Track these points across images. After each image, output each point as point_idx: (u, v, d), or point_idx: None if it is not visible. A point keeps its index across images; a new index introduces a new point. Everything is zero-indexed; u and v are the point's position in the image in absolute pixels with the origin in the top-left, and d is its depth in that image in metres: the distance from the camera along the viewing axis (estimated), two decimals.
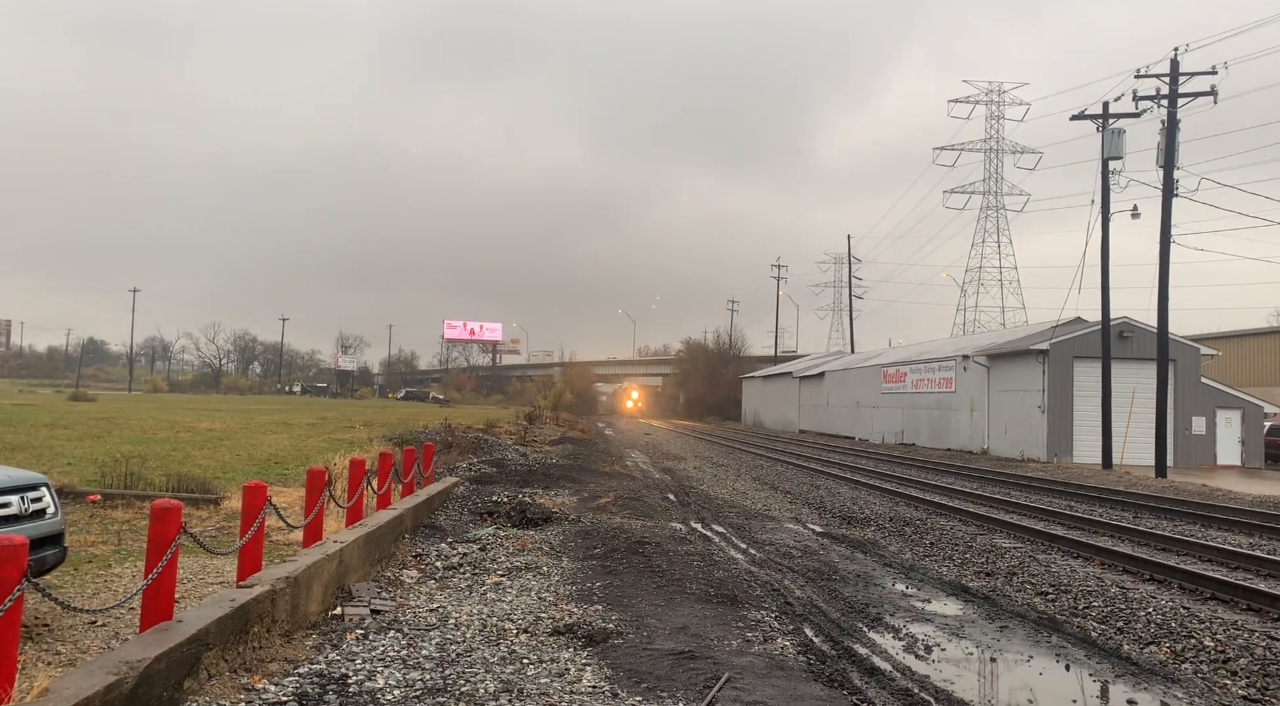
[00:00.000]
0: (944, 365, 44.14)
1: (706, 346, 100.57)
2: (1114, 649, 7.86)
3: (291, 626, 6.55)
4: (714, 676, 6.09)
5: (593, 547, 11.04)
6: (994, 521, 15.89)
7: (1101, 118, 31.02)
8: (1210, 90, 28.80)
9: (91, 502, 11.79)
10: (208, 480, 13.67)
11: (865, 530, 15.01)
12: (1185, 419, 34.79)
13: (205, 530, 10.34)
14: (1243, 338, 47.94)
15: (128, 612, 6.62)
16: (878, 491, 21.39)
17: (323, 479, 8.41)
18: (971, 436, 40.74)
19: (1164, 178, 29.12)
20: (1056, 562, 12.04)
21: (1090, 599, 9.77)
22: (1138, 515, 18.11)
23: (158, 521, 5.36)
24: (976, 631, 8.38)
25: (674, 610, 8.09)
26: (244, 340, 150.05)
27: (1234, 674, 7.22)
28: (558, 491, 17.21)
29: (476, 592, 8.49)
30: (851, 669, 6.78)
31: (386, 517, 10.05)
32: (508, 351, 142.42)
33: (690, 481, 22.75)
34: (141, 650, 4.71)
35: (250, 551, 6.67)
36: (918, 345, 58.91)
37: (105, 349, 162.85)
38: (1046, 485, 23.78)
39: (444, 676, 5.77)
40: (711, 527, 14.39)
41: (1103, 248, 31.23)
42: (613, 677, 6.01)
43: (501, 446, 27.17)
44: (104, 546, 9.37)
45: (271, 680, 5.46)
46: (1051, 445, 34.71)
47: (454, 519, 13.14)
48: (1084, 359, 34.50)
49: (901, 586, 10.40)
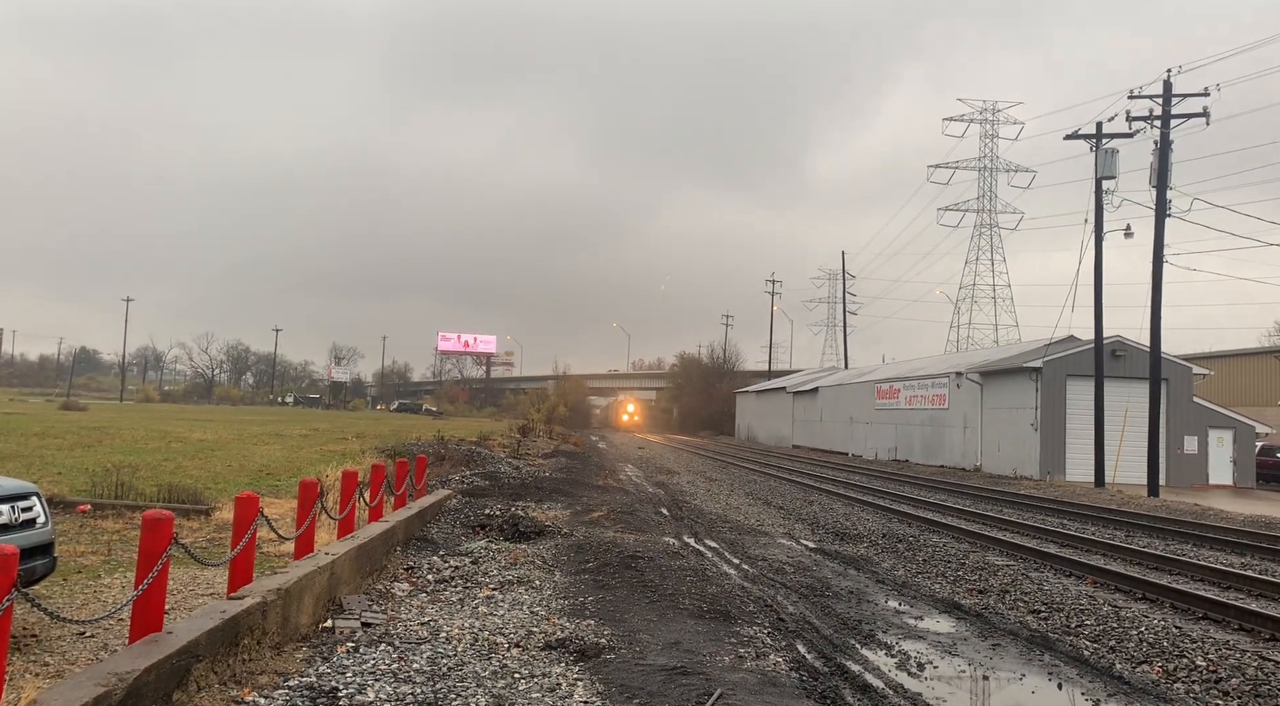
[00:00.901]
0: (937, 382, 44.22)
1: (700, 360, 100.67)
2: (1106, 668, 7.85)
3: (282, 638, 6.51)
4: (706, 692, 6.06)
5: (585, 562, 11.01)
6: (987, 539, 15.89)
7: (1095, 137, 31.20)
8: (1203, 111, 28.99)
9: (82, 512, 11.73)
10: (199, 491, 13.62)
11: (858, 546, 14.99)
12: (1177, 438, 34.87)
13: (196, 541, 10.29)
14: (1234, 357, 48.14)
15: (117, 624, 6.57)
16: (871, 507, 21.37)
17: (314, 490, 8.38)
18: (964, 453, 40.77)
19: (1157, 198, 29.29)
20: (1049, 581, 12.04)
21: (1083, 617, 9.77)
22: (1130, 534, 18.12)
23: (149, 532, 5.34)
24: (969, 649, 8.37)
25: (666, 625, 8.06)
26: (237, 350, 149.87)
27: (1226, 694, 7.22)
28: (550, 505, 17.17)
29: (468, 606, 8.45)
30: (844, 686, 6.76)
31: (378, 530, 10.01)
32: (501, 363, 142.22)
33: (683, 496, 22.71)
34: (130, 661, 4.67)
35: (241, 563, 6.64)
36: (911, 362, 59.01)
37: (97, 358, 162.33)
38: (1039, 503, 23.79)
39: (435, 690, 5.74)
40: (704, 542, 14.36)
41: (1096, 266, 31.36)
42: (604, 693, 5.98)
43: (494, 459, 27.11)
44: (94, 557, 9.32)
45: (261, 693, 5.42)
46: (1044, 463, 34.75)
47: (446, 531, 13.09)
48: (1077, 377, 34.59)
49: (894, 603, 10.38)
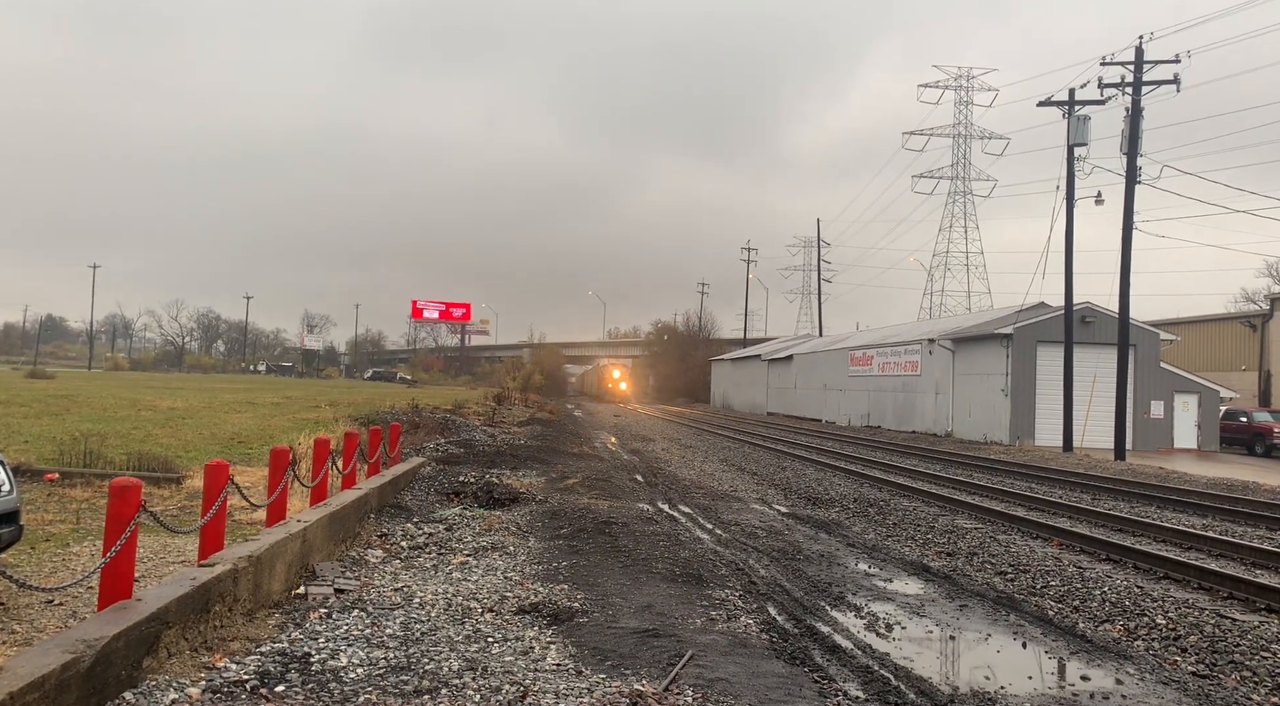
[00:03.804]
0: (910, 349, 44.57)
1: (676, 328, 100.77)
2: (1070, 627, 8.03)
3: (254, 605, 6.51)
4: (677, 654, 6.14)
5: (559, 528, 11.06)
6: (956, 503, 16.12)
7: (1068, 104, 31.32)
8: (1173, 78, 29.16)
9: (49, 481, 11.60)
10: (170, 459, 13.50)
11: (830, 511, 15.16)
12: (1144, 403, 35.46)
13: (167, 509, 10.23)
14: (1201, 323, 48.84)
15: (86, 592, 6.54)
16: (843, 473, 21.60)
17: (286, 458, 8.34)
18: (936, 419, 41.22)
19: (1128, 164, 29.51)
20: (1016, 543, 12.25)
21: (1048, 578, 9.96)
22: (1096, 497, 18.45)
23: (116, 499, 5.29)
24: (937, 610, 8.52)
25: (639, 589, 8.14)
26: (208, 318, 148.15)
27: (1184, 651, 7.40)
28: (525, 472, 17.20)
29: (442, 572, 8.48)
30: (813, 646, 6.87)
31: (351, 497, 10.00)
32: (477, 332, 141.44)
33: (658, 463, 22.83)
34: (99, 628, 4.65)
35: (212, 530, 6.62)
36: (885, 329, 59.40)
37: (65, 326, 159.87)
38: (1008, 467, 24.15)
39: (408, 655, 5.76)
40: (678, 508, 14.46)
41: (1067, 233, 31.60)
42: (577, 656, 6.04)
43: (469, 427, 27.06)
44: (62, 525, 9.24)
45: (233, 658, 5.42)
46: (1014, 428, 35.24)
47: (420, 499, 13.09)
48: (1047, 343, 35.00)
49: (864, 566, 10.53)
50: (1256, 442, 36.13)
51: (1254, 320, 45.86)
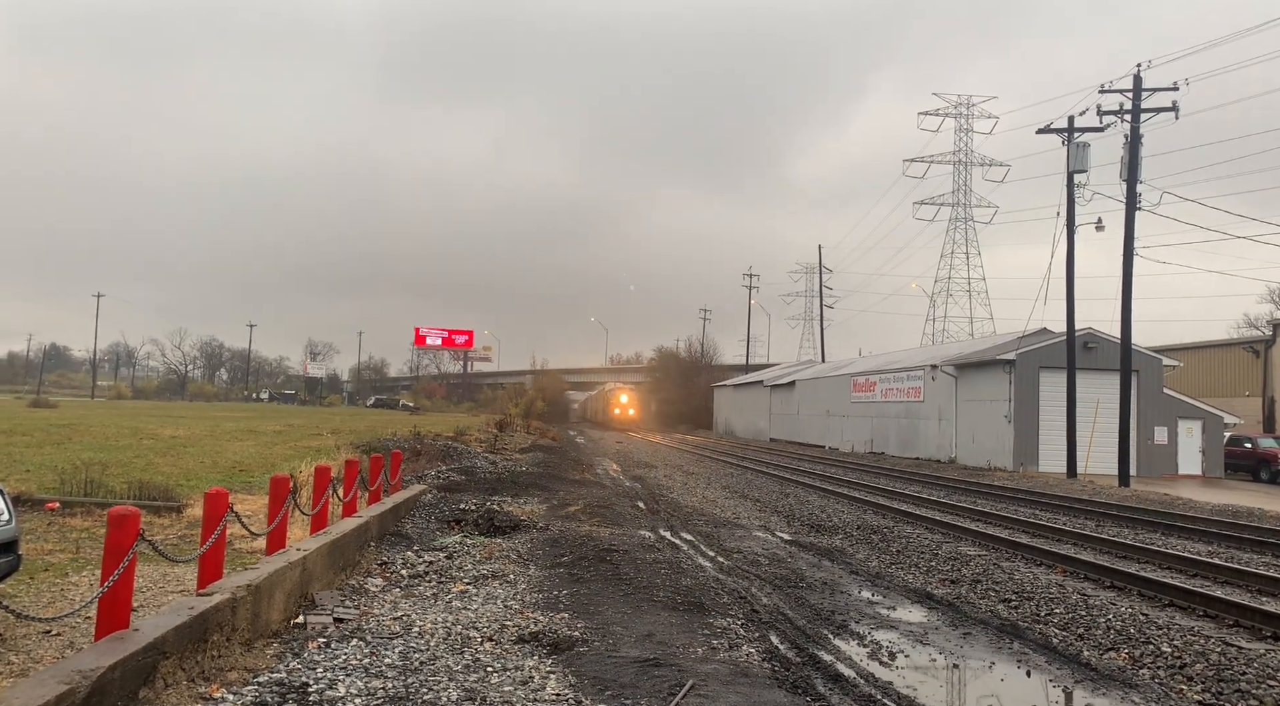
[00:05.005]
0: (913, 375, 44.52)
1: (679, 355, 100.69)
2: (1074, 655, 7.96)
3: (252, 635, 6.47)
4: (678, 683, 6.09)
5: (560, 555, 11.01)
6: (960, 529, 16.03)
7: (1067, 132, 31.50)
8: (1172, 106, 29.35)
9: (50, 510, 11.59)
10: (170, 487, 13.49)
11: (833, 538, 15.08)
12: (1148, 429, 35.32)
13: (167, 538, 10.20)
14: (1204, 349, 48.77)
15: (84, 622, 6.51)
16: (846, 500, 21.51)
17: (287, 486, 8.33)
18: (939, 445, 41.09)
19: (1128, 191, 29.62)
20: (1020, 570, 12.17)
21: (1052, 606, 9.89)
22: (1100, 523, 18.35)
23: (115, 528, 5.29)
24: (940, 638, 8.45)
25: (640, 618, 8.08)
26: (211, 347, 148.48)
27: (1190, 679, 7.33)
28: (526, 499, 17.15)
29: (442, 600, 8.43)
30: (816, 676, 6.81)
31: (351, 525, 9.97)
32: (479, 359, 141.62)
33: (660, 489, 22.75)
34: (95, 659, 4.63)
35: (211, 559, 6.60)
36: (887, 355, 59.36)
37: (68, 355, 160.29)
38: (1012, 494, 24.04)
39: (406, 684, 5.72)
40: (680, 535, 14.39)
41: (1068, 259, 31.67)
42: (577, 685, 5.99)
43: (471, 454, 27.02)
44: (61, 554, 9.22)
45: (230, 689, 5.39)
46: (1018, 454, 35.10)
47: (421, 527, 13.04)
48: (1049, 369, 34.94)
49: (867, 594, 10.46)
50: (1261, 469, 35.95)
51: (1257, 346, 45.80)
